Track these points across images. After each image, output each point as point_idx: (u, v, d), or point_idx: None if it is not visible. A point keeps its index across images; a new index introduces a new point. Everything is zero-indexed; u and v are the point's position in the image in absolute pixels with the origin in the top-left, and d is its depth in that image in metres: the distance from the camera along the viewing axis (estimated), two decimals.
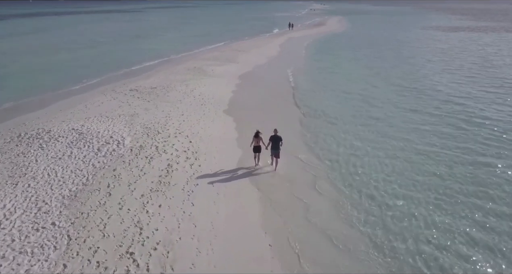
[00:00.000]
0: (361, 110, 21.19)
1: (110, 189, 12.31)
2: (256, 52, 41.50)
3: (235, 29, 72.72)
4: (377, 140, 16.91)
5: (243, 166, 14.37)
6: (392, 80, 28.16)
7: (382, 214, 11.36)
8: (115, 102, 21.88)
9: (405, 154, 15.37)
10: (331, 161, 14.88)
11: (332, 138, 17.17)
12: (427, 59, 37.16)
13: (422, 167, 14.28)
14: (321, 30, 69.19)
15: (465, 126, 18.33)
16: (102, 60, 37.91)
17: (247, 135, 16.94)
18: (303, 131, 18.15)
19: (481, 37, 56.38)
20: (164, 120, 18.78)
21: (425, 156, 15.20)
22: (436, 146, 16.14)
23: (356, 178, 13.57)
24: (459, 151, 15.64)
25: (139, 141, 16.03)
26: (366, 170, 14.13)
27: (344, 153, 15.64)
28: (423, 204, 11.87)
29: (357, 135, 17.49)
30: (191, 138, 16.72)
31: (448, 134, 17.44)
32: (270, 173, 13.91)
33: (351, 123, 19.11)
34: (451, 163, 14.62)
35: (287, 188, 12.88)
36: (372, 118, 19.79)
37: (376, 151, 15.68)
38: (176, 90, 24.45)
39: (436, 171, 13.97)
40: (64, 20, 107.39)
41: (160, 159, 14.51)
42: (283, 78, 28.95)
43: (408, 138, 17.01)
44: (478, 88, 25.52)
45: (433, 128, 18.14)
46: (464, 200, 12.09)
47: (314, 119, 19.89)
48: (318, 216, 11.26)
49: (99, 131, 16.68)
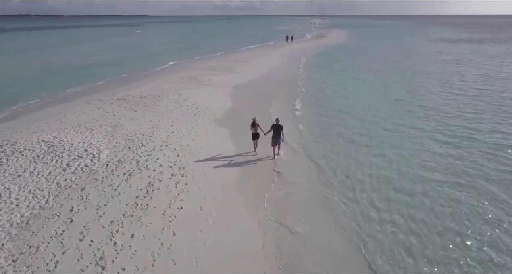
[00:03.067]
0: (358, 126, 18.57)
1: (73, 213, 9.98)
2: (255, 62, 39.56)
3: (234, 41, 71.37)
4: (378, 163, 14.65)
5: (238, 183, 12.09)
6: (394, 95, 26.03)
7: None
8: (98, 112, 19.71)
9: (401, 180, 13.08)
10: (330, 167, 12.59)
11: (327, 150, 14.93)
12: (427, 71, 35.17)
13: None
14: (321, 43, 67.69)
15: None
16: (91, 70, 36.00)
17: (244, 149, 14.92)
18: (300, 140, 15.92)
19: (487, 49, 54.72)
20: (151, 131, 16.56)
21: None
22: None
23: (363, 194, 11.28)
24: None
25: (118, 155, 13.76)
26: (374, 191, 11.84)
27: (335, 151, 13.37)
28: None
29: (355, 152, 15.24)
30: (179, 151, 14.46)
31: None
32: (270, 192, 11.61)
33: (345, 139, 16.88)
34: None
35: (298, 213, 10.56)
36: (374, 141, 17.37)
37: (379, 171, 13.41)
38: (167, 99, 22.32)
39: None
40: (65, 34, 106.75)
41: (140, 176, 12.22)
42: (283, 90, 26.55)
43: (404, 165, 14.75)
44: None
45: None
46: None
47: (310, 132, 17.57)
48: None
49: (72, 143, 14.44)
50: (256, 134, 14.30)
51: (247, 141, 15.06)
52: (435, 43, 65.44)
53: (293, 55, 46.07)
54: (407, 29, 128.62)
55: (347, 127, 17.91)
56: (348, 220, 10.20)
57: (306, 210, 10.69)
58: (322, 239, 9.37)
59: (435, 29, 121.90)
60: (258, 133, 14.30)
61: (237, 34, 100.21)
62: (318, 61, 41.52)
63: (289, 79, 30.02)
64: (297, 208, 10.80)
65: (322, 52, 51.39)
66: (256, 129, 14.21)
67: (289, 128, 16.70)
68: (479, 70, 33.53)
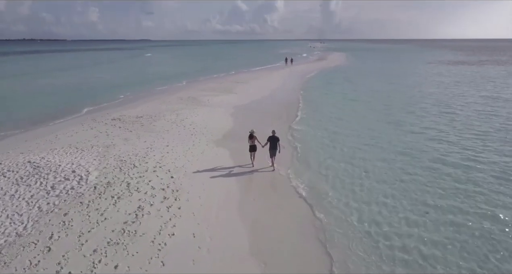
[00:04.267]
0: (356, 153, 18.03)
1: (52, 241, 9.04)
2: (255, 84, 39.25)
3: (234, 64, 71.60)
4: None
5: (236, 206, 11.18)
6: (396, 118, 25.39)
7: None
8: (92, 132, 18.99)
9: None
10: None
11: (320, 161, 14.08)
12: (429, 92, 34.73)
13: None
14: (322, 65, 67.93)
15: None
16: (89, 91, 35.58)
17: (243, 170, 14.08)
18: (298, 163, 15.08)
19: (487, 70, 54.66)
20: (144, 152, 15.77)
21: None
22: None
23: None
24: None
25: (108, 176, 12.91)
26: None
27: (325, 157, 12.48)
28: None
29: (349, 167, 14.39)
30: (174, 172, 13.61)
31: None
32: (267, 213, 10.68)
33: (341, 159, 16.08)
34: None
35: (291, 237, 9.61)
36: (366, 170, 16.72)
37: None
38: (164, 119, 21.65)
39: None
40: (69, 57, 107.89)
41: (130, 199, 11.32)
42: (282, 111, 25.61)
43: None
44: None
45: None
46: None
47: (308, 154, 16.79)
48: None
49: (60, 164, 13.60)
50: (254, 147, 14.46)
51: (245, 159, 14.79)
52: (434, 65, 65.60)
53: (293, 77, 45.88)
54: (405, 52, 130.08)
55: (346, 148, 17.11)
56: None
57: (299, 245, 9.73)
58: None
59: (433, 52, 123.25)
60: (256, 146, 14.47)
61: (237, 57, 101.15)
62: (319, 83, 41.16)
63: (289, 101, 29.47)
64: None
65: (322, 74, 51.27)
66: (254, 141, 14.39)
67: (289, 151, 15.92)
68: (481, 92, 32.90)
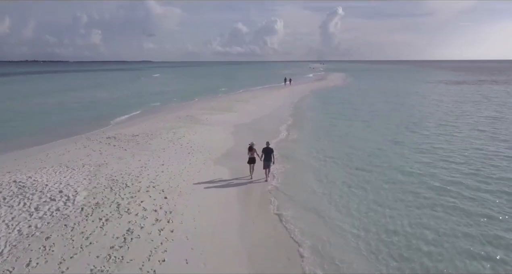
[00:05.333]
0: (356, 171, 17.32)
1: (29, 269, 8.16)
2: (254, 102, 38.87)
3: (234, 84, 71.63)
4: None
5: (233, 228, 10.34)
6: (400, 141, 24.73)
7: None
8: (84, 150, 18.28)
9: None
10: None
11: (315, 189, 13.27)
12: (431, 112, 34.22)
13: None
14: (322, 85, 68.04)
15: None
16: (87, 112, 35.09)
17: (240, 186, 13.34)
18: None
19: (488, 90, 54.46)
20: (138, 171, 15.01)
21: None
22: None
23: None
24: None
25: (97, 197, 12.10)
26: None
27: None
28: None
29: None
30: (168, 192, 12.81)
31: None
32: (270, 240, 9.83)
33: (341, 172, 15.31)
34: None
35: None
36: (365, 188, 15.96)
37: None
38: (160, 137, 20.99)
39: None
40: (71, 78, 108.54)
41: (119, 222, 10.48)
42: (282, 130, 24.77)
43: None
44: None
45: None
46: None
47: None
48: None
49: (47, 184, 12.82)
50: (253, 159, 14.67)
51: (243, 176, 14.65)
52: (435, 85, 65.59)
53: (293, 97, 45.57)
54: (404, 72, 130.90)
55: (345, 168, 16.38)
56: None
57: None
58: None
59: (432, 72, 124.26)
60: (255, 158, 14.67)
61: (238, 78, 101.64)
62: (318, 103, 40.75)
63: (287, 119, 28.94)
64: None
65: (322, 93, 51.03)
66: (253, 154, 14.64)
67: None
68: (483, 112, 32.23)
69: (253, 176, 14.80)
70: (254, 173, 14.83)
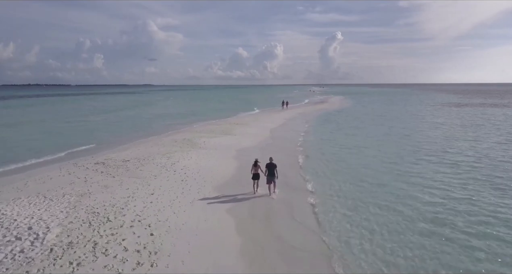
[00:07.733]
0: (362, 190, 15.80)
1: None
2: (254, 125, 37.58)
3: (234, 107, 70.66)
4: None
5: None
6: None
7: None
8: (68, 177, 16.71)
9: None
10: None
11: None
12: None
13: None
14: (322, 107, 67.13)
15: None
16: (81, 135, 33.68)
17: (242, 226, 11.70)
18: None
19: (492, 113, 53.29)
20: (124, 202, 13.40)
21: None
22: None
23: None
24: None
25: (72, 234, 10.45)
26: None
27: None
28: None
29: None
30: (154, 228, 11.17)
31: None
32: None
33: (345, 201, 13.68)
34: None
35: None
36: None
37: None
38: (153, 163, 19.46)
39: None
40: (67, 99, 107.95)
41: (92, 267, 8.80)
42: (282, 155, 23.09)
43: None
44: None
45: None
46: None
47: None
48: None
49: (16, 219, 11.20)
50: (257, 175, 14.76)
51: (244, 205, 13.09)
52: (439, 108, 64.40)
53: (294, 120, 44.39)
54: (405, 95, 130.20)
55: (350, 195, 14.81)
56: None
57: None
58: None
59: (433, 95, 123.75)
60: (259, 174, 14.77)
61: (238, 101, 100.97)
62: (320, 126, 39.12)
63: (290, 143, 27.51)
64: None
65: (323, 117, 49.76)
66: (257, 170, 14.72)
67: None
68: (491, 136, 30.59)
69: (257, 192, 14.90)
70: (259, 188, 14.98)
